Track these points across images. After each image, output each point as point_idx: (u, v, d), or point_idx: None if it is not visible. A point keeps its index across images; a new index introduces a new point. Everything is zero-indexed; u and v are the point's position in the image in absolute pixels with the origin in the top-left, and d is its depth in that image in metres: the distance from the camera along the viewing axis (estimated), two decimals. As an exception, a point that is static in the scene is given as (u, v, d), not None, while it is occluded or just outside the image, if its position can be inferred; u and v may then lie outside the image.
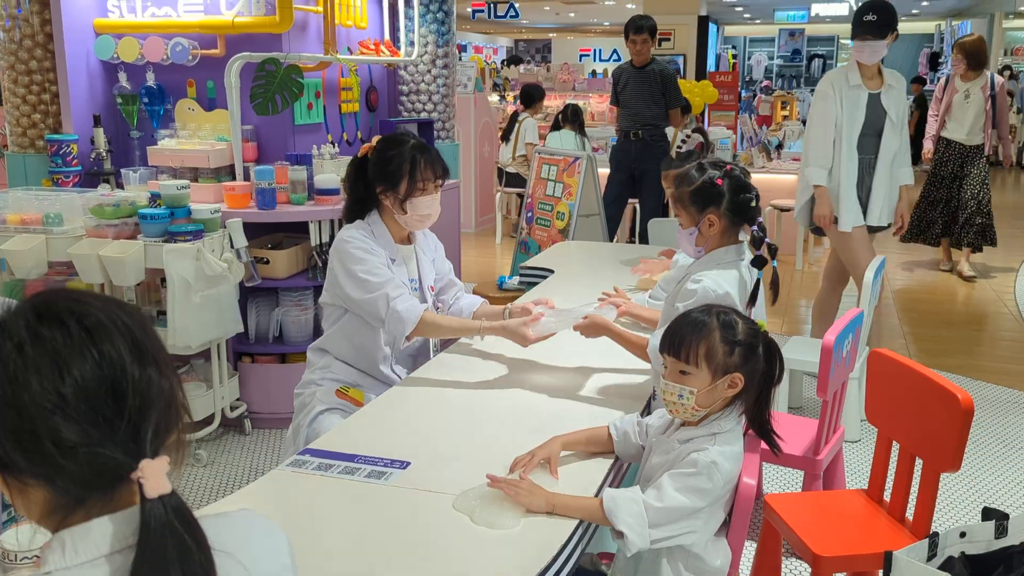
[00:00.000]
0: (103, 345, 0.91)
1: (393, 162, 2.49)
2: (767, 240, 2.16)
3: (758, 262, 2.18)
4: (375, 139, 2.57)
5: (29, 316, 0.91)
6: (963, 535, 1.90)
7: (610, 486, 1.88)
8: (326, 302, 2.60)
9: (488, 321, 2.50)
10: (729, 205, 2.19)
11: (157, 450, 0.92)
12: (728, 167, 2.24)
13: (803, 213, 4.41)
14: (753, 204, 2.21)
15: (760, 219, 2.21)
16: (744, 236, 2.24)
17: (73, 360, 0.89)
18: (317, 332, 3.95)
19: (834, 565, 2.25)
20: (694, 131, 6.86)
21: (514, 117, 8.74)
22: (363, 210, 2.58)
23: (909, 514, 2.40)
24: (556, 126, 7.83)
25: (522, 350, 2.59)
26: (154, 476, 0.88)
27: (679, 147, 6.47)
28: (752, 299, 2.22)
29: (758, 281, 2.22)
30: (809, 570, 2.35)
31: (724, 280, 2.15)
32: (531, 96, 8.83)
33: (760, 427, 1.82)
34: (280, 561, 1.05)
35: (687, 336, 1.76)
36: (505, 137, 8.66)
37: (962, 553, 1.88)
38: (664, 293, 3.43)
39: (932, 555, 1.87)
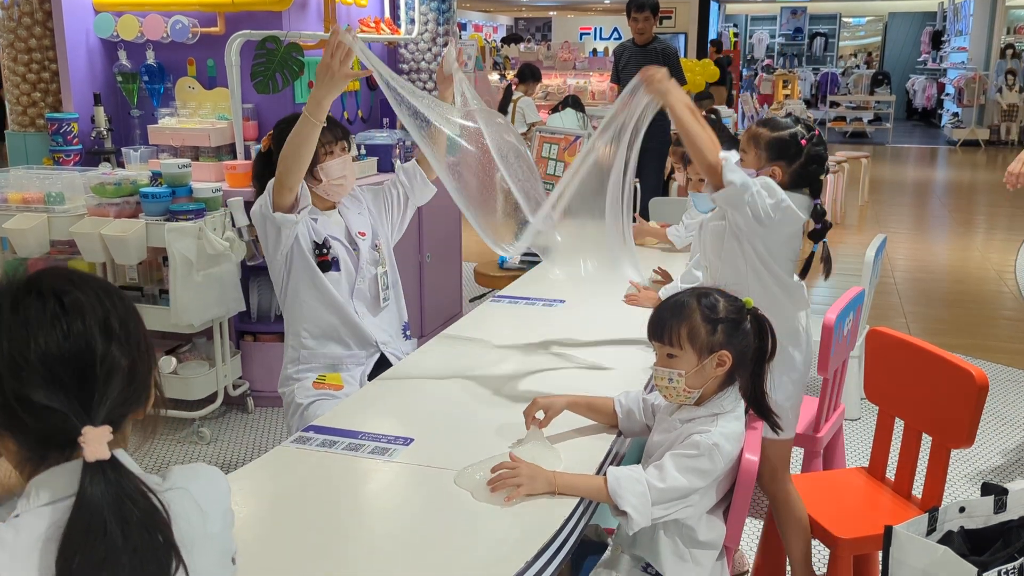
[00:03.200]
0: (73, 322, 1.02)
1: None
2: (827, 217, 2.20)
3: (816, 235, 2.21)
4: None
5: (19, 287, 1.04)
6: (962, 510, 1.92)
7: (611, 463, 1.89)
8: (273, 267, 2.56)
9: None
10: (799, 168, 2.19)
11: (115, 422, 1.02)
12: (816, 132, 2.23)
13: None
14: (821, 178, 2.22)
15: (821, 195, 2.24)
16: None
17: (42, 330, 1.00)
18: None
19: (853, 546, 2.26)
20: (708, 112, 6.87)
21: (508, 91, 8.72)
22: None
23: (915, 491, 2.41)
24: (556, 110, 7.86)
25: (525, 327, 2.61)
26: (93, 442, 0.97)
27: None
28: (804, 272, 2.27)
29: (812, 254, 2.24)
30: (818, 548, 2.37)
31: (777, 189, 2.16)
32: (524, 75, 8.81)
33: (757, 405, 1.84)
34: (225, 504, 1.14)
35: (668, 320, 1.78)
36: (501, 111, 8.64)
37: (961, 527, 1.90)
38: (683, 234, 3.45)
39: (932, 529, 1.88)
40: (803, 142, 2.17)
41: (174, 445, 3.72)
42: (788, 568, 2.47)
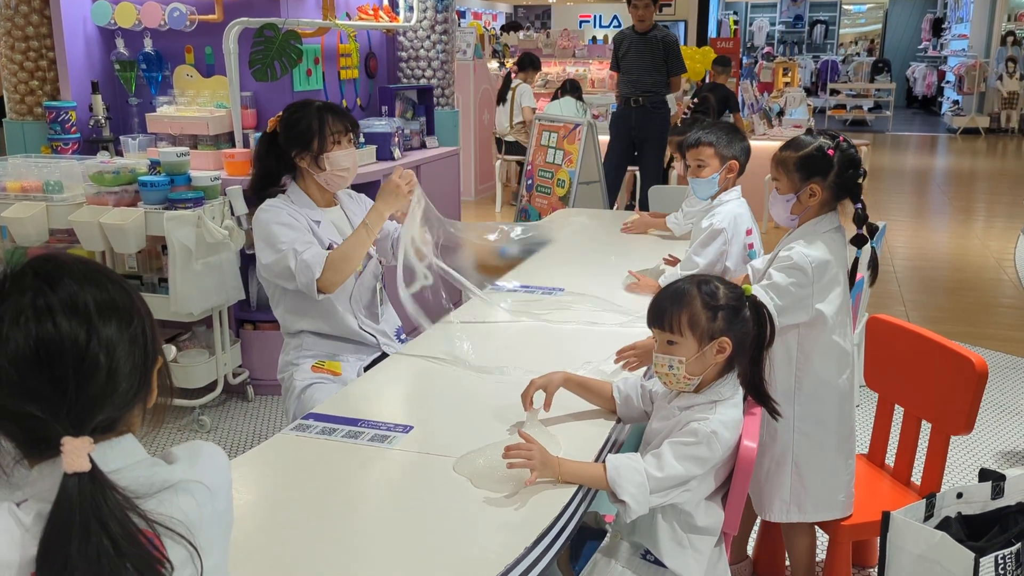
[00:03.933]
0: (45, 322, 0.95)
1: (302, 123, 2.49)
2: (869, 220, 2.17)
3: (859, 240, 2.19)
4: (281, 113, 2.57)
5: (4, 279, 0.98)
6: (960, 496, 1.93)
7: (610, 450, 1.90)
8: (262, 276, 2.56)
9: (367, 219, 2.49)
10: (835, 179, 2.16)
11: (111, 424, 0.99)
12: (841, 138, 2.19)
13: None
14: (860, 182, 2.18)
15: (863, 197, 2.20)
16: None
17: (12, 332, 0.94)
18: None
19: (852, 532, 2.27)
20: (710, 89, 6.80)
21: (507, 79, 8.70)
22: (271, 183, 2.56)
23: (915, 477, 2.42)
24: (555, 97, 7.88)
25: (524, 315, 2.61)
26: (71, 454, 0.92)
27: (686, 113, 6.45)
28: (851, 279, 2.22)
29: (856, 260, 2.21)
30: (818, 534, 2.37)
31: (815, 249, 2.15)
32: (524, 63, 8.80)
33: (756, 392, 1.84)
34: (228, 478, 1.13)
35: (669, 307, 1.78)
36: (501, 98, 8.62)
37: (959, 513, 1.91)
38: (682, 222, 3.42)
39: (929, 515, 1.89)
40: (830, 152, 2.14)
41: (175, 433, 3.73)
42: (787, 558, 2.48)
